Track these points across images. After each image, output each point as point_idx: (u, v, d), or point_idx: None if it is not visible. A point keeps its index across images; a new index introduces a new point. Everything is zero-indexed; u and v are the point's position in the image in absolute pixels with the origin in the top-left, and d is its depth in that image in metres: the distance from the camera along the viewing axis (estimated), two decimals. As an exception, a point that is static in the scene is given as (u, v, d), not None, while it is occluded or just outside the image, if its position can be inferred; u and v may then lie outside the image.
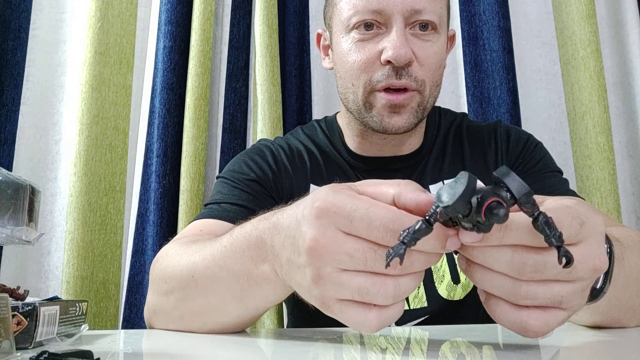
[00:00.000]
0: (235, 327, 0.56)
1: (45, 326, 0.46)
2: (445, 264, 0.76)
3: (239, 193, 0.75)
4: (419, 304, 0.75)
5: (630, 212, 1.19)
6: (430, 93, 0.73)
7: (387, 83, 0.70)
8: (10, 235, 0.43)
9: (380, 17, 0.70)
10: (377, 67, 0.70)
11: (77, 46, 1.23)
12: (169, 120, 1.17)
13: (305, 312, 0.82)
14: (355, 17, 0.71)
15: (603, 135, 1.14)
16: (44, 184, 1.18)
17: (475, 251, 0.36)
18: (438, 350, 0.45)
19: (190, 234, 0.68)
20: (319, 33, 0.84)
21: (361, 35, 0.71)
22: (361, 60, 0.71)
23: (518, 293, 0.36)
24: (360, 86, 0.72)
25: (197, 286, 0.54)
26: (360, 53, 0.71)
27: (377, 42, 0.70)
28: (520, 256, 0.35)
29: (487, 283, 0.37)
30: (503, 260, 0.35)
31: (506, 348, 0.46)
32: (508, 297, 0.37)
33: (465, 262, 0.39)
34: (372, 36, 0.71)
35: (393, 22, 0.69)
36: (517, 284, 0.36)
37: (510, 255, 0.35)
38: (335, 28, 0.77)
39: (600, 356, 0.43)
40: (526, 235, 0.35)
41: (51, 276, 1.14)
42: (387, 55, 0.68)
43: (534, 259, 0.35)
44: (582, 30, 1.18)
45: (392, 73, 0.69)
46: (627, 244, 0.52)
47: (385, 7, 0.69)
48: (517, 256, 0.35)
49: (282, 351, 0.49)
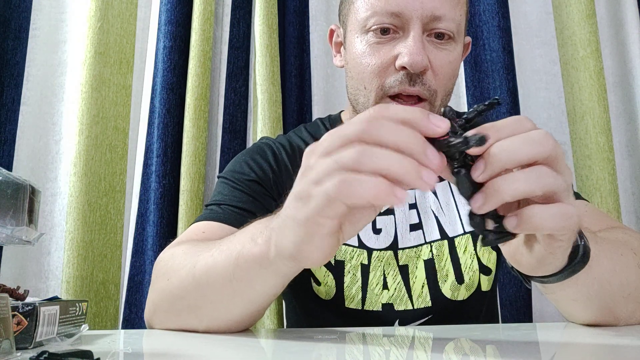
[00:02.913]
0: (228, 325, 0.56)
1: (45, 326, 0.46)
2: (449, 263, 0.76)
3: (239, 195, 0.75)
4: (422, 303, 0.75)
5: (630, 212, 1.19)
6: (440, 104, 0.72)
7: (400, 89, 0.68)
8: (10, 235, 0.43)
9: (398, 21, 0.68)
10: (391, 72, 0.69)
11: (77, 46, 1.23)
12: (169, 120, 1.16)
13: (310, 313, 0.82)
14: (373, 19, 0.69)
15: (603, 135, 1.14)
16: (44, 184, 1.18)
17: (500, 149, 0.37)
18: (442, 350, 0.45)
19: (193, 236, 0.68)
20: (332, 29, 0.83)
21: (377, 38, 0.70)
22: (375, 64, 0.70)
23: (543, 176, 0.37)
24: (372, 90, 0.70)
25: (195, 280, 0.55)
26: (374, 56, 0.70)
27: (393, 46, 0.69)
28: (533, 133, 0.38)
29: (512, 184, 0.37)
30: (522, 142, 0.37)
31: (508, 347, 0.46)
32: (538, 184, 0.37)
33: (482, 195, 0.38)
34: (388, 40, 0.69)
35: (411, 26, 0.67)
36: (537, 169, 0.37)
37: (525, 136, 0.37)
38: (350, 27, 0.75)
39: (600, 356, 0.43)
40: (514, 124, 0.38)
41: (51, 276, 1.14)
42: (403, 61, 0.67)
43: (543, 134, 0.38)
44: (582, 30, 1.18)
45: (405, 79, 0.68)
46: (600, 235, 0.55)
47: (404, 9, 0.67)
48: (531, 134, 0.38)
49: (282, 351, 0.49)
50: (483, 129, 0.37)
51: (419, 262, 0.76)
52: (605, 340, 0.49)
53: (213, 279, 0.53)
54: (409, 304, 0.75)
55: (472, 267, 0.76)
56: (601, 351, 0.45)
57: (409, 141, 0.36)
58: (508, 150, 0.37)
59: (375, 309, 0.75)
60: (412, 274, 0.76)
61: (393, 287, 0.75)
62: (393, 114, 0.37)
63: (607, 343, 0.47)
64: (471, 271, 0.76)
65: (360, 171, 0.37)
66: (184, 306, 0.57)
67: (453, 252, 0.76)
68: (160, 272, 0.62)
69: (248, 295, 0.53)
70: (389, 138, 0.36)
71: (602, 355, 0.43)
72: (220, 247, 0.54)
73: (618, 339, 0.49)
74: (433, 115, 0.37)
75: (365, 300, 0.75)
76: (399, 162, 0.36)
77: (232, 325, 0.57)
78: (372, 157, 0.36)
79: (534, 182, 0.37)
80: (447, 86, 0.71)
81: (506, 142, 0.37)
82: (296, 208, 0.41)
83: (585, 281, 0.48)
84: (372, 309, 0.75)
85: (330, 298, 0.76)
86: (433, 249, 0.77)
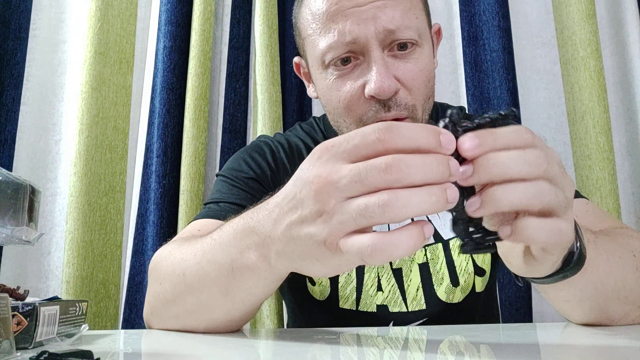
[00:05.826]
0: (228, 325, 0.56)
1: (45, 326, 0.46)
2: (444, 267, 0.76)
3: (237, 192, 0.75)
4: (417, 306, 0.75)
5: (630, 212, 1.19)
6: (423, 112, 0.69)
7: (376, 118, 0.66)
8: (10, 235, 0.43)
9: (355, 47, 0.64)
10: (363, 102, 0.66)
11: (77, 46, 1.23)
12: (169, 120, 1.17)
13: (305, 312, 0.82)
14: (330, 54, 0.66)
15: (603, 135, 1.14)
16: (44, 184, 1.18)
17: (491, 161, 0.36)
18: (436, 350, 0.45)
19: (188, 235, 0.68)
20: (296, 62, 0.80)
21: (339, 71, 0.67)
22: (344, 98, 0.67)
23: (542, 191, 0.36)
24: (351, 123, 0.68)
25: (187, 284, 0.54)
26: (342, 91, 0.67)
27: (358, 75, 0.66)
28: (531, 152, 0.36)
29: (510, 196, 0.36)
30: (515, 159, 0.36)
31: (506, 348, 0.46)
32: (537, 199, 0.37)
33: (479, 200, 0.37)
34: (350, 69, 0.66)
35: (370, 49, 0.64)
36: (537, 184, 0.36)
37: (520, 153, 0.36)
38: (310, 62, 0.72)
39: (600, 356, 0.43)
40: (512, 135, 0.37)
41: (51, 276, 1.14)
42: (370, 90, 0.64)
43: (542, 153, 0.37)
44: (582, 30, 1.18)
45: (379, 107, 0.65)
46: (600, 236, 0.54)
47: (358, 35, 0.63)
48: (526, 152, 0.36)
49: (282, 351, 0.49)
50: (480, 134, 0.36)
51: (414, 266, 0.76)
52: (606, 341, 0.49)
53: (208, 288, 0.52)
54: (403, 307, 0.75)
55: (467, 270, 0.76)
56: (601, 351, 0.45)
57: (437, 172, 0.35)
58: (498, 165, 0.36)
59: (369, 310, 0.75)
60: (407, 277, 0.76)
61: (387, 289, 0.75)
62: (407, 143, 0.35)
63: (608, 344, 0.47)
64: (466, 273, 0.76)
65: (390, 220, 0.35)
66: (181, 311, 0.57)
67: (448, 255, 0.76)
68: (153, 275, 0.62)
69: (246, 299, 0.52)
70: (416, 178, 0.34)
71: (603, 355, 0.43)
72: (206, 256, 0.52)
73: (618, 340, 0.49)
74: (444, 136, 0.36)
75: (360, 301, 0.75)
76: (429, 200, 0.34)
77: (233, 325, 0.57)
78: (403, 207, 0.34)
79: (533, 197, 0.36)
80: (425, 94, 0.68)
81: (498, 156, 0.36)
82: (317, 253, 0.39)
83: (579, 284, 0.48)
84: (367, 310, 0.75)
85: (324, 298, 0.76)
86: (427, 253, 0.76)
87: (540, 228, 0.37)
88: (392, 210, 0.34)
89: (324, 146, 0.38)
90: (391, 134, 0.35)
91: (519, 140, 0.37)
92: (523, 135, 0.37)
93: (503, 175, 0.36)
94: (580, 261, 0.45)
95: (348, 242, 0.36)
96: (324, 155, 0.38)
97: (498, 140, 0.36)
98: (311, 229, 0.38)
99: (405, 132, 0.35)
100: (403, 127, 0.35)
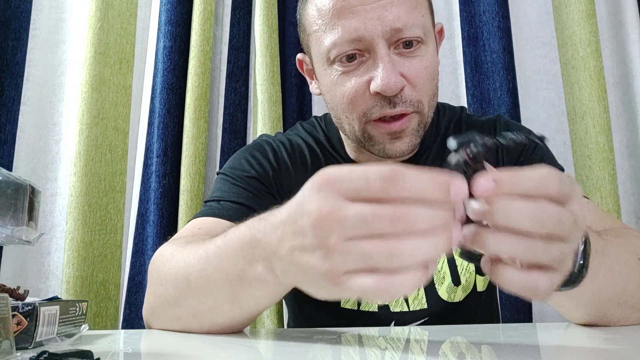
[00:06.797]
0: (232, 327, 0.56)
1: (45, 326, 0.46)
2: (445, 266, 0.76)
3: (238, 190, 0.75)
4: (418, 305, 0.75)
5: (630, 212, 1.19)
6: (429, 108, 0.69)
7: (382, 113, 0.66)
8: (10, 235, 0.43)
9: (361, 44, 0.64)
10: (368, 97, 0.66)
11: (77, 46, 1.23)
12: (169, 120, 1.17)
13: (306, 312, 0.82)
14: (335, 50, 0.66)
15: (603, 136, 1.14)
16: (44, 184, 1.18)
17: (501, 209, 0.36)
18: (437, 350, 0.45)
19: (189, 233, 0.68)
20: (300, 59, 0.79)
21: (345, 67, 0.66)
22: (349, 93, 0.67)
23: (533, 250, 0.36)
24: (354, 119, 0.68)
25: (191, 288, 0.54)
26: (346, 86, 0.67)
27: (363, 71, 0.66)
28: (543, 207, 0.35)
29: (502, 246, 0.36)
30: (525, 213, 0.35)
31: (506, 348, 0.46)
32: (524, 255, 0.36)
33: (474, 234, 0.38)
34: (356, 66, 0.66)
35: (376, 47, 0.64)
36: (533, 242, 0.36)
37: (532, 206, 0.35)
38: (315, 58, 0.72)
39: (600, 356, 0.43)
40: (536, 181, 0.35)
41: (51, 276, 1.14)
42: (376, 86, 0.64)
43: (555, 210, 0.35)
44: (582, 30, 1.18)
45: (385, 103, 0.65)
46: (611, 239, 0.53)
47: (364, 33, 0.63)
48: (539, 207, 0.35)
49: (282, 351, 0.49)
50: (499, 177, 0.35)
51: None
52: (606, 341, 0.49)
53: (214, 294, 0.52)
54: (405, 306, 0.75)
55: (468, 269, 0.76)
56: (601, 351, 0.45)
57: (443, 221, 0.35)
58: (506, 216, 0.35)
59: (371, 310, 0.75)
60: None
61: None
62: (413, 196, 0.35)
63: (608, 344, 0.47)
64: (467, 272, 0.76)
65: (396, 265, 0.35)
66: (183, 313, 0.56)
67: (450, 255, 0.76)
68: (154, 276, 0.61)
69: (253, 306, 0.53)
70: (422, 227, 0.34)
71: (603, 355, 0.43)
72: (211, 262, 0.52)
73: (618, 340, 0.49)
74: (454, 187, 0.35)
75: (361, 300, 0.75)
76: (434, 248, 0.35)
77: (236, 327, 0.57)
78: (410, 257, 0.34)
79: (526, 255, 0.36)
80: (430, 90, 0.69)
81: (510, 206, 0.35)
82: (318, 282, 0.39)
83: (575, 293, 0.47)
84: (368, 310, 0.75)
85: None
86: None
87: (516, 280, 0.37)
88: (398, 260, 0.34)
89: (325, 178, 0.37)
90: (396, 187, 0.34)
91: (541, 190, 0.36)
92: (547, 185, 0.36)
93: (506, 225, 0.36)
94: (578, 280, 0.44)
95: (351, 281, 0.36)
96: (324, 188, 0.37)
97: (517, 186, 0.36)
98: (312, 260, 0.38)
99: (411, 185, 0.34)
100: (409, 177, 0.35)
